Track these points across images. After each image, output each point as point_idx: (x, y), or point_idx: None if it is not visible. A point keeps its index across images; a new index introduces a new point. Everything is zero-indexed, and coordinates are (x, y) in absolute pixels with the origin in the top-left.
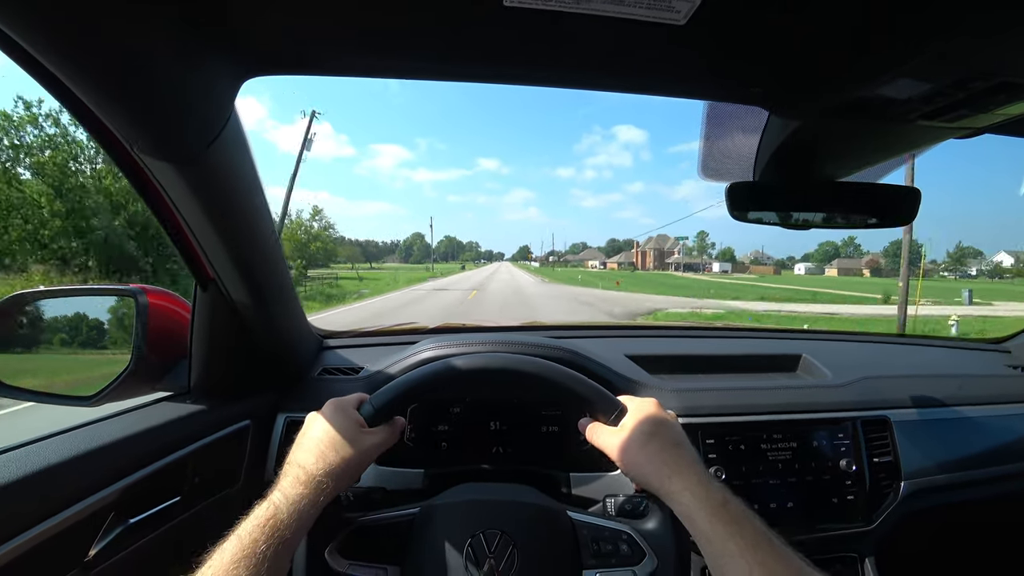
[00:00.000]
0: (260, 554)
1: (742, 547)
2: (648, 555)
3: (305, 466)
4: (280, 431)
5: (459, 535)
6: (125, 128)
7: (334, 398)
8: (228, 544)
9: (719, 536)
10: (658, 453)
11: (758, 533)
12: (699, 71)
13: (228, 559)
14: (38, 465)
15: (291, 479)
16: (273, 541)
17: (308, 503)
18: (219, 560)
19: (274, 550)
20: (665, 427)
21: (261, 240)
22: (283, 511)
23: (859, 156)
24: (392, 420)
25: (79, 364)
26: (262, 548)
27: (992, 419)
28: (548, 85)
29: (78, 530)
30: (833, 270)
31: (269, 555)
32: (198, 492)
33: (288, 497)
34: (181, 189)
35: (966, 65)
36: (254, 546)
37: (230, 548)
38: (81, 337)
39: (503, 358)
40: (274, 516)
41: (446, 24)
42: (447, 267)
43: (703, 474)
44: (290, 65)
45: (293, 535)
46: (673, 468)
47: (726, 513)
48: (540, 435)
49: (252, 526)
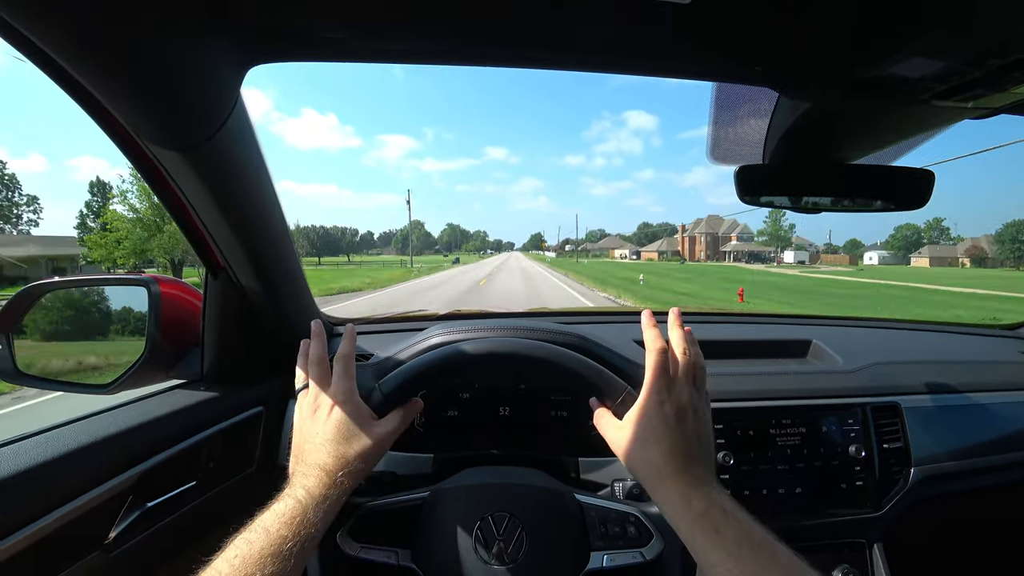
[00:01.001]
0: (287, 551)
1: (723, 557)
2: (655, 537)
3: (325, 467)
4: (292, 417)
5: (468, 518)
6: (131, 118)
7: (334, 390)
8: (255, 536)
9: (701, 547)
10: (646, 459)
11: (740, 542)
12: (706, 51)
13: (256, 552)
14: (59, 451)
15: (315, 480)
16: (300, 539)
17: (332, 502)
18: (247, 551)
19: (300, 547)
20: (661, 428)
21: (270, 227)
22: (310, 510)
23: (871, 138)
24: (406, 404)
25: (95, 353)
26: (289, 545)
27: (1005, 406)
28: (554, 68)
29: (98, 513)
30: (923, 259)
31: (296, 551)
32: (213, 477)
33: (314, 497)
34: (189, 177)
35: (980, 41)
36: (282, 542)
37: (258, 542)
38: (97, 326)
39: (511, 342)
40: (302, 514)
41: (450, 6)
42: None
43: (687, 484)
44: (295, 51)
45: (317, 532)
46: (658, 479)
47: (706, 523)
48: (549, 420)
49: (280, 523)
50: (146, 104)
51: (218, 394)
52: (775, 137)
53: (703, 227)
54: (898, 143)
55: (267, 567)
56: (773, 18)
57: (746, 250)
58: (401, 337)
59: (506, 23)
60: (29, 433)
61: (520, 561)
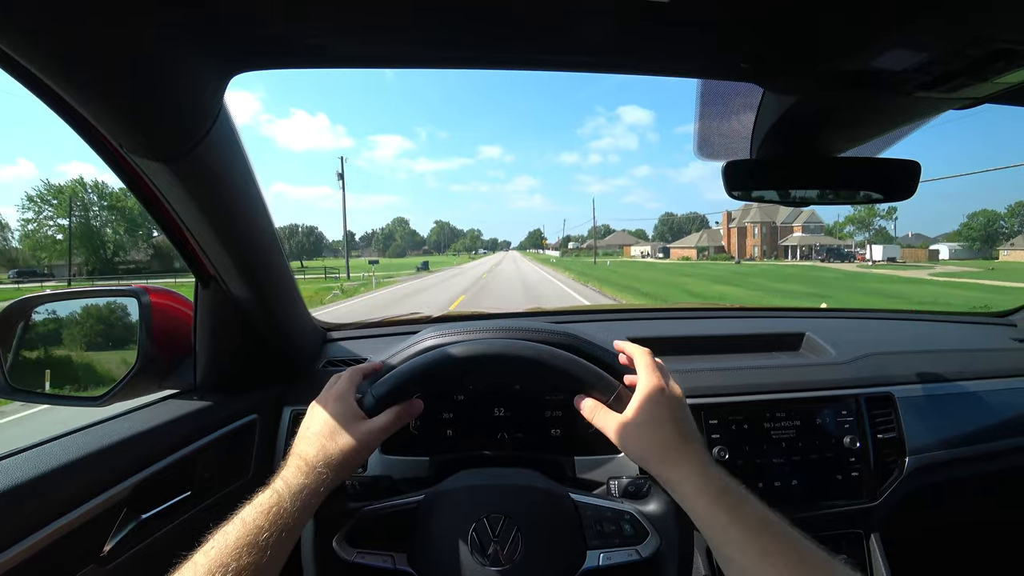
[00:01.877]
0: (263, 541)
1: (744, 534)
2: (651, 534)
3: (306, 457)
4: (287, 424)
5: (463, 521)
6: (112, 129)
7: (333, 388)
8: (231, 527)
9: (720, 524)
10: (658, 440)
11: (759, 519)
12: (687, 49)
13: (232, 543)
14: (52, 464)
15: (293, 469)
16: (276, 529)
17: (310, 493)
18: (223, 542)
19: (276, 537)
20: (667, 411)
21: (258, 235)
22: (286, 499)
23: (857, 130)
24: (403, 404)
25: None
26: (265, 535)
27: (997, 393)
28: (535, 69)
29: (93, 526)
30: (1017, 252)
31: (272, 542)
32: (208, 486)
33: (291, 486)
34: (174, 187)
35: (962, 32)
36: (258, 532)
37: (233, 532)
38: (88, 338)
39: (502, 343)
40: (278, 504)
41: (431, 11)
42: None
43: (703, 462)
44: (278, 59)
45: (296, 523)
46: (672, 456)
47: (726, 500)
48: (544, 420)
49: (256, 512)
50: (127, 116)
51: (212, 403)
52: (761, 132)
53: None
54: (884, 134)
55: (243, 557)
56: (754, 14)
57: (816, 244)
58: (394, 341)
59: (486, 25)
60: (20, 448)
61: (516, 562)
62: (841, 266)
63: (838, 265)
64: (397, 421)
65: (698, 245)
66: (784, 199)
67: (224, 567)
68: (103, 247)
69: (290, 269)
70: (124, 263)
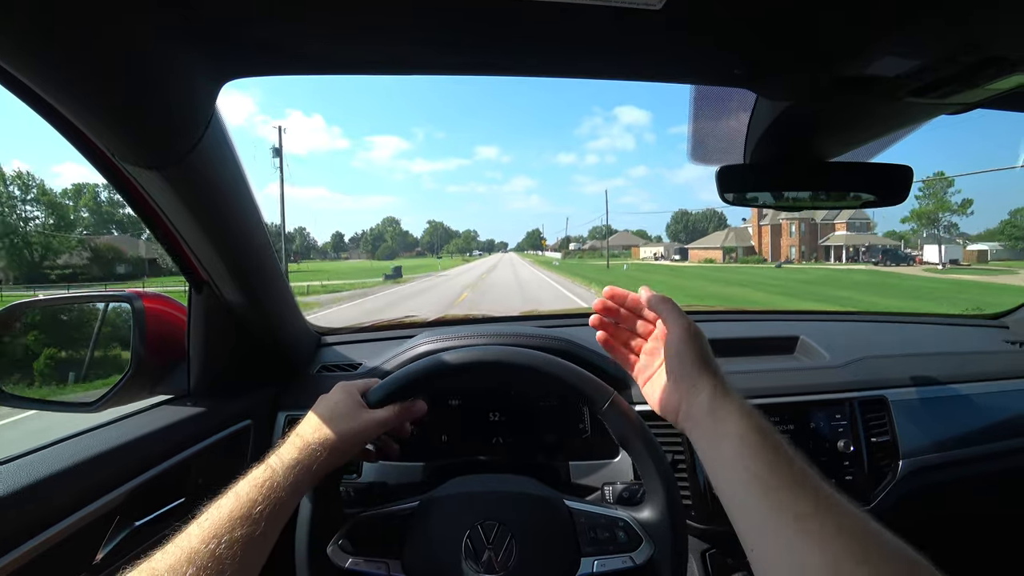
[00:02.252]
0: (257, 514)
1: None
2: (645, 541)
3: (303, 435)
4: (281, 429)
5: (457, 527)
6: (103, 137)
7: (339, 383)
8: (225, 500)
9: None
10: (700, 363)
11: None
12: (680, 55)
13: (226, 515)
14: (44, 472)
15: (288, 445)
16: (270, 502)
17: (302, 468)
18: (216, 514)
19: (270, 510)
20: (702, 344)
21: (252, 240)
22: (279, 473)
23: (849, 135)
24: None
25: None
26: (259, 508)
27: (991, 395)
28: (530, 75)
29: (85, 534)
30: None
31: (266, 514)
32: (202, 493)
33: (284, 461)
34: (167, 194)
35: (954, 40)
36: (251, 505)
37: (227, 504)
38: (81, 343)
39: (496, 351)
40: (271, 477)
41: (423, 18)
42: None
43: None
44: (271, 65)
45: (289, 498)
46: (704, 368)
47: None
48: (539, 425)
49: (250, 486)
50: (118, 123)
51: (206, 409)
52: (755, 136)
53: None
54: (876, 139)
55: (236, 529)
56: (747, 21)
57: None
58: (389, 345)
59: (480, 33)
60: (11, 456)
61: (511, 569)
62: (905, 270)
63: (900, 269)
64: (397, 418)
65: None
66: (777, 203)
67: (218, 538)
68: (28, 248)
69: (283, 273)
70: (57, 268)
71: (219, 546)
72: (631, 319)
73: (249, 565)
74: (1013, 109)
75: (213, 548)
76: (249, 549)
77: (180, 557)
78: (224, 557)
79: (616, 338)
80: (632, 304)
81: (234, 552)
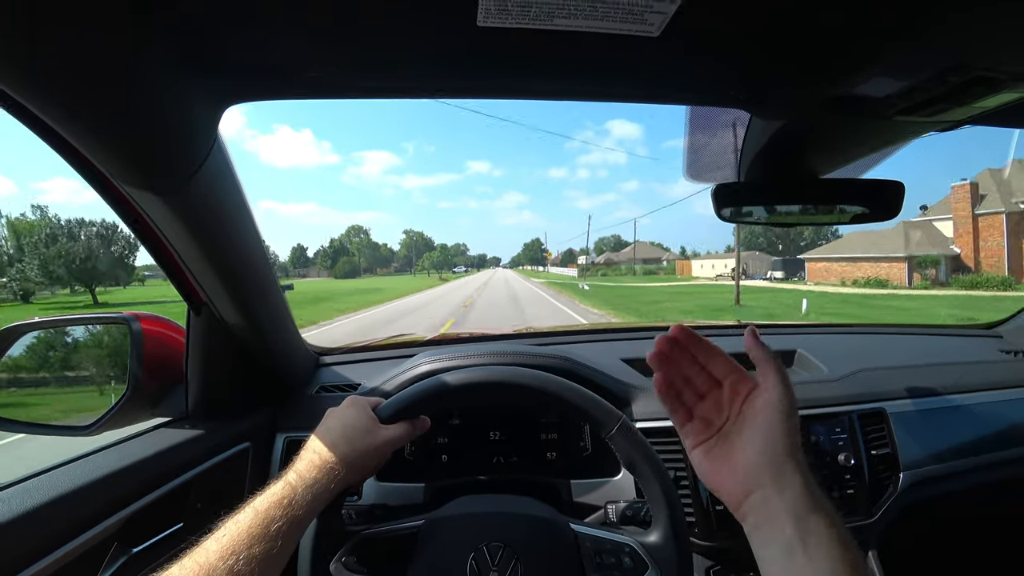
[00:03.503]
0: (275, 531)
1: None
2: (651, 567)
3: (320, 452)
4: (280, 452)
5: (462, 549)
6: (105, 161)
7: (349, 398)
8: (243, 516)
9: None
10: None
11: None
12: (677, 79)
13: (244, 531)
14: (39, 500)
15: (306, 463)
16: (287, 520)
17: (321, 488)
18: (235, 529)
19: (287, 528)
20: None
21: (251, 263)
22: (298, 491)
23: (841, 152)
24: (411, 420)
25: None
26: (276, 525)
27: (987, 405)
28: (527, 98)
29: (82, 562)
30: None
31: (283, 532)
32: (201, 517)
33: (304, 479)
34: (167, 217)
35: (941, 60)
36: (270, 522)
37: (245, 520)
38: (76, 366)
39: (500, 371)
40: (291, 495)
41: (422, 46)
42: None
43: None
44: (273, 90)
45: (305, 515)
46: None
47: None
48: (540, 443)
49: (269, 503)
50: (120, 148)
51: (204, 431)
52: (749, 155)
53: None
54: (867, 156)
55: (254, 546)
56: (741, 46)
57: None
58: (387, 365)
59: (479, 60)
60: (6, 483)
61: None
62: None
63: None
64: (407, 435)
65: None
66: (771, 219)
67: (236, 555)
68: None
69: (283, 295)
70: None
71: (237, 563)
72: (694, 368)
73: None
74: (999, 125)
75: (232, 564)
76: (265, 566)
77: (198, 573)
78: (242, 574)
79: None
80: (704, 352)
81: (252, 569)
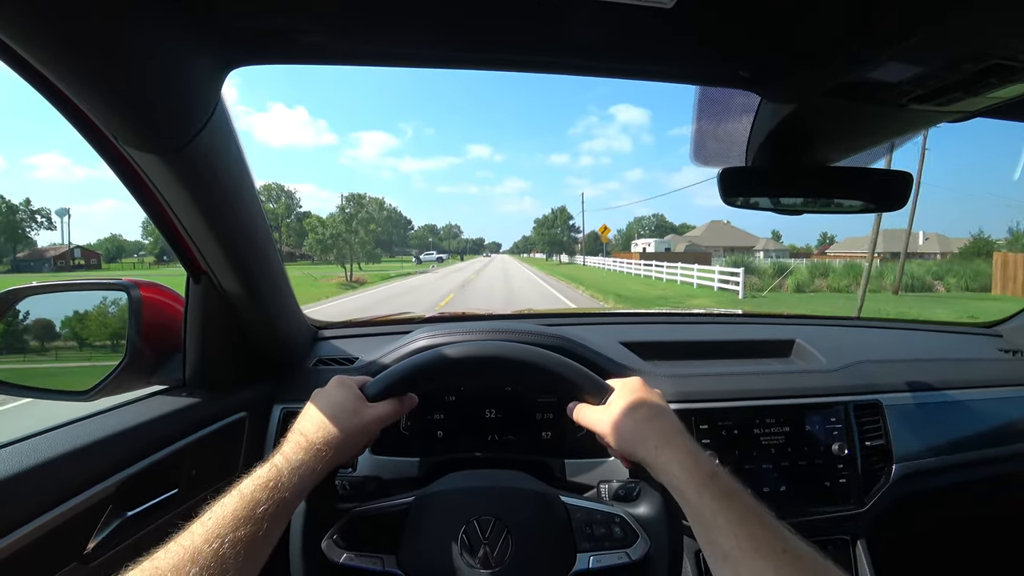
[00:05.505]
0: (260, 514)
1: (731, 520)
2: (640, 537)
3: (306, 434)
4: (276, 422)
5: (453, 522)
6: (108, 121)
7: (336, 377)
8: (229, 499)
9: (708, 509)
10: (646, 424)
11: (747, 507)
12: (688, 55)
13: (229, 514)
14: (36, 460)
15: (293, 444)
16: (273, 502)
17: (308, 469)
18: (220, 513)
19: (274, 510)
20: (651, 401)
21: (252, 231)
22: (284, 474)
23: (851, 140)
24: (399, 397)
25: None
26: (262, 508)
27: (983, 402)
28: (536, 71)
29: (76, 523)
30: None
31: (269, 514)
32: (196, 484)
33: (290, 461)
34: (168, 181)
35: (957, 47)
36: (255, 505)
37: (231, 503)
38: (75, 331)
39: (495, 346)
40: (276, 478)
41: (426, 13)
42: None
43: (691, 445)
44: (277, 54)
45: (292, 498)
46: (661, 439)
47: (715, 485)
48: (535, 423)
49: (254, 486)
50: (124, 107)
51: (200, 400)
52: (757, 140)
53: None
54: (878, 145)
55: (239, 529)
56: (755, 23)
57: None
58: (386, 340)
59: (489, 27)
60: (2, 443)
61: (506, 564)
62: None
63: None
64: (396, 413)
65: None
66: (777, 207)
67: (220, 537)
68: None
69: (282, 266)
70: None
71: (222, 545)
72: None
73: (251, 564)
74: (1014, 119)
75: (216, 547)
76: (252, 549)
77: (183, 556)
78: (227, 557)
79: None
80: None
81: (237, 552)
